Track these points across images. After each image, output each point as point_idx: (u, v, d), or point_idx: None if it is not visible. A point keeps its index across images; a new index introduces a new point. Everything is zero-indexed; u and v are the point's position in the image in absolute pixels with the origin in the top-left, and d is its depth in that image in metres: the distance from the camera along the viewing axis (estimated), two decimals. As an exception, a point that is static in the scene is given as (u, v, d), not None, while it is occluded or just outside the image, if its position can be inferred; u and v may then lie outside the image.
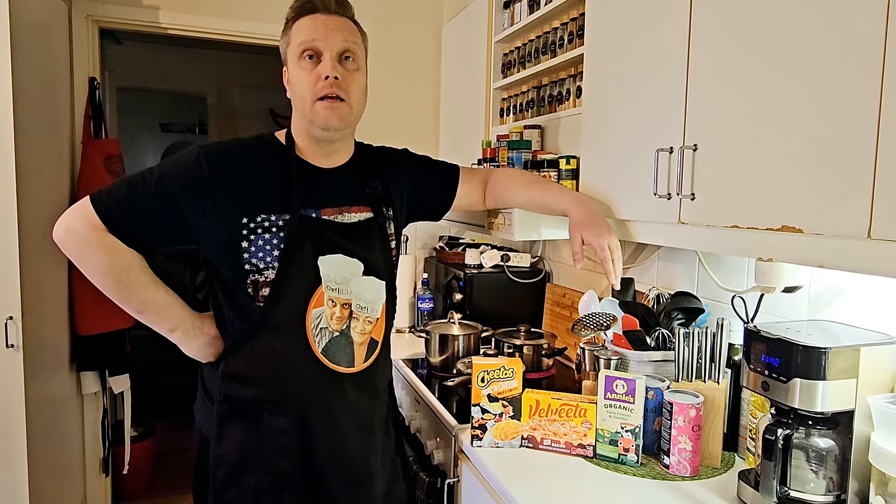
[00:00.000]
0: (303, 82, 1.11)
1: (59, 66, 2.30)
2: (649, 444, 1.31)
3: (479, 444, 1.36)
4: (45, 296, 2.10)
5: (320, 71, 1.10)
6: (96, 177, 2.37)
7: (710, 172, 1.09)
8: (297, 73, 1.12)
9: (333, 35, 1.11)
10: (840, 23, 0.84)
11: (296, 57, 1.12)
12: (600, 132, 1.45)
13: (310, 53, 1.11)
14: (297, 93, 1.13)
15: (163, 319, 1.14)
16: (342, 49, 1.12)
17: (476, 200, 1.44)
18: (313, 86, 1.10)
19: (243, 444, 1.12)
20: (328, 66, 1.10)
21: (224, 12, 2.69)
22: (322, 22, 1.12)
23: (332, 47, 1.11)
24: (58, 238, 1.08)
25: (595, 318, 1.50)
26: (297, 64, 1.12)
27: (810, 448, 1.04)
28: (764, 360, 1.06)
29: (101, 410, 2.60)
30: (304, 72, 1.11)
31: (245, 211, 1.09)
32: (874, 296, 1.13)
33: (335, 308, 1.14)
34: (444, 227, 2.73)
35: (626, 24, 1.34)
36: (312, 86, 1.10)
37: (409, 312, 2.54)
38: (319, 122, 1.12)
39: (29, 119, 1.92)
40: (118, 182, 1.11)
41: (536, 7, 1.89)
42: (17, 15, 1.80)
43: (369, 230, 1.20)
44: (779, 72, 0.94)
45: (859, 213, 0.81)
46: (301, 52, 1.11)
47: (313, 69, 1.11)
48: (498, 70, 2.19)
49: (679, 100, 1.15)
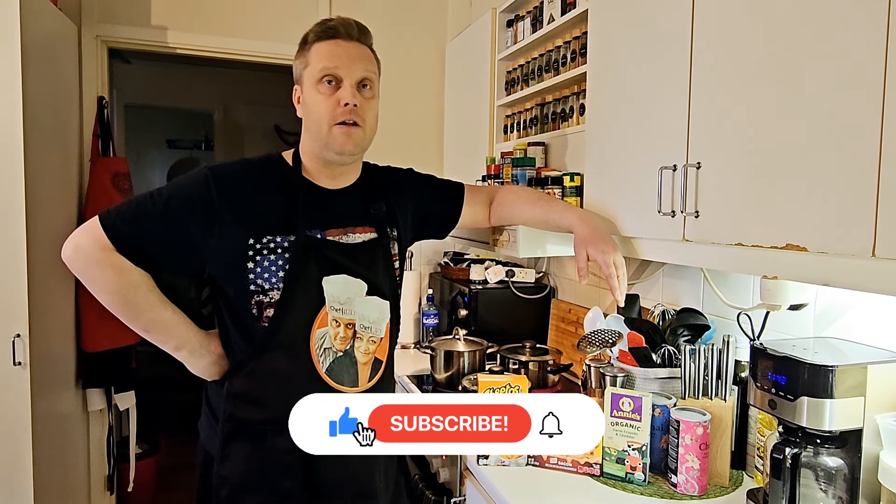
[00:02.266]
0: (321, 106, 1.13)
1: (68, 85, 2.33)
2: (656, 462, 1.30)
3: (485, 463, 1.35)
4: (53, 313, 2.11)
5: (340, 97, 1.12)
6: (104, 194, 2.39)
7: (713, 190, 1.09)
8: (314, 96, 1.14)
9: (355, 64, 1.13)
10: (841, 42, 0.85)
11: (314, 80, 1.13)
12: (604, 149, 1.46)
13: (329, 79, 1.12)
14: (313, 116, 1.14)
15: (169, 338, 1.15)
16: (361, 78, 1.14)
17: (481, 218, 1.45)
18: (332, 110, 1.12)
19: (247, 464, 1.13)
20: (349, 94, 1.12)
21: (230, 32, 2.73)
22: (344, 49, 1.14)
23: (352, 75, 1.13)
24: (66, 257, 1.09)
25: (600, 334, 1.49)
26: (314, 87, 1.13)
27: (819, 467, 1.03)
28: (771, 377, 1.06)
29: (107, 427, 2.59)
30: (322, 96, 1.13)
31: (251, 232, 1.10)
32: (880, 313, 1.12)
33: (339, 328, 1.14)
34: (448, 243, 2.74)
35: (628, 43, 1.35)
36: (331, 110, 1.12)
37: (414, 328, 2.54)
38: (336, 147, 1.13)
39: (38, 137, 1.94)
40: (127, 202, 1.12)
41: (539, 26, 1.91)
42: (28, 35, 1.83)
43: (373, 250, 1.20)
44: (781, 90, 0.95)
45: (863, 232, 0.81)
46: (321, 77, 1.13)
47: (332, 94, 1.12)
48: (502, 87, 2.21)
49: (682, 118, 1.16)
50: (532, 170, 1.81)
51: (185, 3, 2.65)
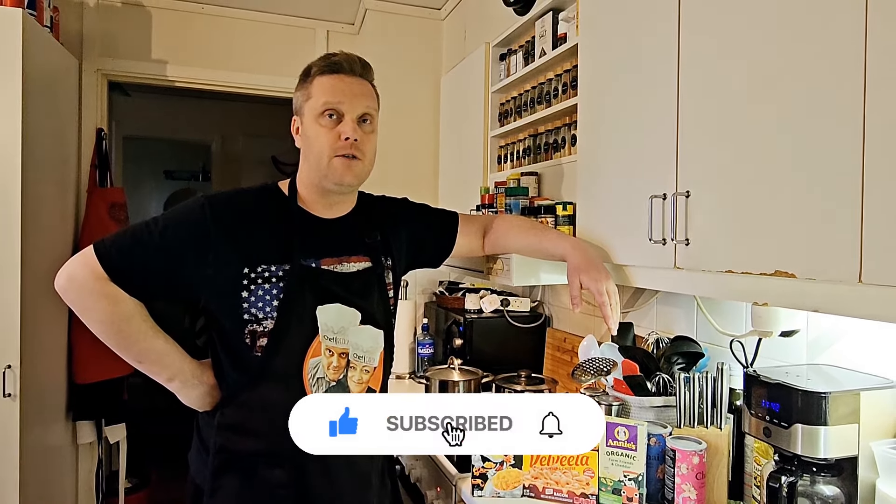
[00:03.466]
0: (321, 139, 1.14)
1: (67, 117, 2.37)
2: (653, 492, 1.28)
3: (479, 494, 1.33)
4: (45, 344, 2.09)
5: (341, 131, 1.14)
6: (100, 225, 2.40)
7: (702, 218, 1.11)
8: (315, 128, 1.15)
9: (357, 100, 1.16)
10: (823, 73, 0.87)
11: (316, 113, 1.15)
12: (595, 179, 1.48)
13: (331, 113, 1.15)
14: (313, 148, 1.16)
15: (162, 369, 1.14)
16: (363, 113, 1.16)
17: (475, 247, 1.46)
18: (332, 143, 1.14)
19: (238, 498, 1.11)
20: (350, 129, 1.14)
21: (228, 65, 2.78)
22: (347, 84, 1.16)
23: (354, 110, 1.15)
24: (59, 287, 1.08)
25: (595, 363, 1.49)
26: (315, 120, 1.15)
27: (815, 496, 1.02)
28: (764, 405, 1.06)
29: (96, 460, 2.55)
30: (323, 129, 1.15)
31: (246, 261, 1.10)
32: (872, 339, 1.13)
33: (332, 357, 1.14)
34: (443, 273, 2.74)
35: (618, 76, 1.38)
36: (332, 143, 1.14)
37: (408, 357, 2.52)
38: (335, 178, 1.15)
39: (36, 167, 1.96)
40: (122, 231, 1.12)
41: (531, 59, 1.95)
42: (30, 68, 1.86)
43: (368, 280, 1.21)
44: (766, 120, 0.97)
45: (849, 258, 0.82)
46: (323, 111, 1.15)
47: (333, 128, 1.14)
48: (495, 119, 2.25)
49: (670, 147, 1.18)
50: (525, 199, 1.83)
51: (185, 37, 2.71)
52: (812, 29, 0.89)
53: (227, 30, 2.78)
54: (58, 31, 2.31)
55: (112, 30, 2.58)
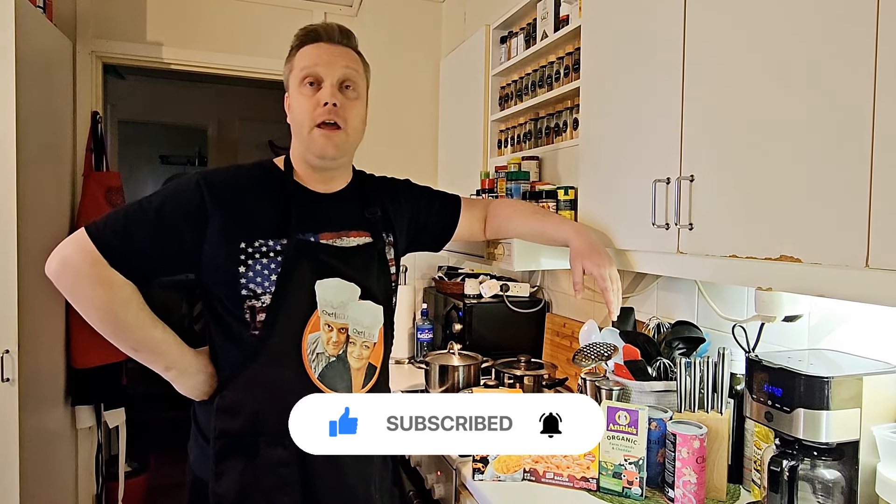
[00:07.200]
0: (302, 107, 1.13)
1: (62, 100, 2.33)
2: (653, 476, 1.29)
3: (480, 478, 1.33)
4: (43, 328, 2.08)
5: (319, 97, 1.12)
6: (96, 209, 2.38)
7: (707, 203, 1.10)
8: (297, 98, 1.15)
9: (335, 63, 1.14)
10: (831, 53, 0.86)
11: (297, 83, 1.14)
12: (597, 163, 1.46)
13: (311, 80, 1.13)
14: (296, 118, 1.15)
15: (159, 357, 1.12)
16: (343, 77, 1.14)
17: (477, 231, 1.45)
18: (312, 111, 1.12)
19: (242, 480, 1.10)
20: (328, 93, 1.12)
21: (224, 48, 2.74)
22: (325, 50, 1.15)
23: (332, 74, 1.13)
24: (52, 273, 1.04)
25: (596, 348, 1.49)
26: (297, 90, 1.14)
27: (816, 480, 1.02)
28: (766, 389, 1.06)
29: (96, 445, 2.55)
30: (303, 97, 1.13)
31: (243, 236, 1.09)
32: (875, 324, 1.13)
33: (332, 333, 1.13)
34: (443, 258, 2.73)
35: (621, 58, 1.36)
36: (311, 111, 1.12)
37: (408, 343, 2.53)
38: (316, 151, 1.14)
39: (31, 151, 1.94)
40: (114, 212, 1.09)
41: (533, 42, 1.93)
42: (23, 50, 1.83)
43: (368, 255, 1.20)
44: (773, 101, 0.96)
45: (856, 243, 0.82)
46: (302, 78, 1.13)
47: (313, 95, 1.13)
48: (495, 102, 2.23)
49: (675, 131, 1.17)
50: (526, 184, 1.82)
51: (180, 19, 2.67)
52: (822, 7, 0.88)
53: (223, 12, 2.74)
54: (51, 11, 2.26)
55: (106, 11, 2.54)
